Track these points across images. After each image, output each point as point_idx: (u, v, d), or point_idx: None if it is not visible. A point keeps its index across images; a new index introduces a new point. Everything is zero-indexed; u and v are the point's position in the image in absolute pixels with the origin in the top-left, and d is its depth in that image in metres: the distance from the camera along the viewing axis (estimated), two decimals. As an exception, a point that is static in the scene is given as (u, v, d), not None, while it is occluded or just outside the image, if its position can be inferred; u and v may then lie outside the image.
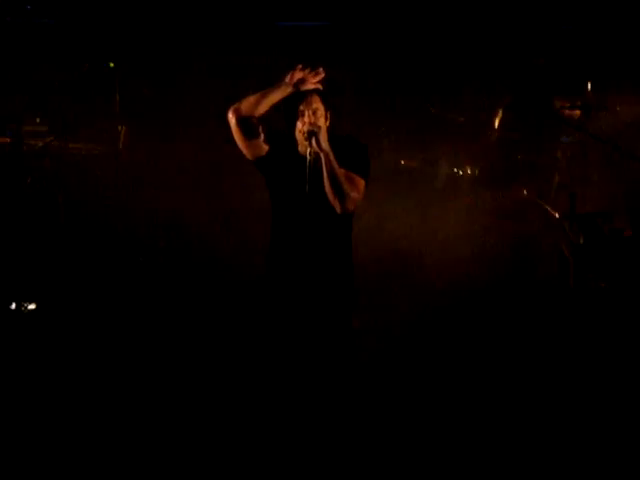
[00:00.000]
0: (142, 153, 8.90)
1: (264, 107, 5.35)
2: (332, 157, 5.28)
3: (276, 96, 5.37)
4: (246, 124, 5.37)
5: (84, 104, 8.69)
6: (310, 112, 5.38)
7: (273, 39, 8.93)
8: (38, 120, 8.69)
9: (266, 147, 5.45)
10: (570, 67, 8.65)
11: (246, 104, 5.35)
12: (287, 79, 5.37)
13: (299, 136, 5.40)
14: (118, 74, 8.64)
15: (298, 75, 5.37)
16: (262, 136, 5.42)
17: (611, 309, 7.09)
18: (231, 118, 5.38)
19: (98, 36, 8.84)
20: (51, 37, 8.80)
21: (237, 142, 5.43)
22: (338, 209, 5.37)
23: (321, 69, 5.42)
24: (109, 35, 8.87)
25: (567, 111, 8.41)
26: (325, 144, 5.28)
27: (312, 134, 5.29)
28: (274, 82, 5.42)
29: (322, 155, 5.28)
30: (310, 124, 5.33)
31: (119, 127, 8.74)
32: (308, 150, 5.31)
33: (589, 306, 7.14)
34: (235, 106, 5.37)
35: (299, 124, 5.39)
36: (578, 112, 8.34)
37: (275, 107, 5.42)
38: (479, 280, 7.94)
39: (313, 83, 5.40)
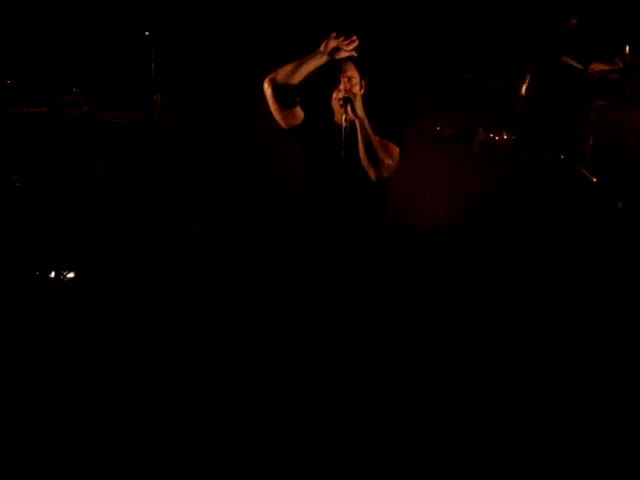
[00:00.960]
0: (177, 122, 8.92)
1: (299, 76, 5.36)
2: (367, 124, 5.30)
3: (311, 65, 5.37)
4: (282, 94, 5.38)
5: (120, 73, 8.70)
6: (345, 79, 5.38)
7: (307, 6, 8.90)
8: (74, 90, 8.70)
9: (301, 116, 5.47)
10: (606, 29, 8.57)
11: (281, 74, 5.36)
12: (321, 48, 5.37)
13: (335, 105, 5.41)
14: (154, 43, 8.63)
15: (332, 43, 5.36)
16: (298, 105, 5.44)
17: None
18: (267, 88, 5.39)
19: (133, 5, 8.85)
20: (87, 6, 8.81)
21: (272, 112, 5.44)
22: (373, 176, 5.38)
23: (355, 36, 5.41)
24: (144, 3, 8.87)
25: (598, 66, 8.36)
26: (360, 111, 5.29)
27: (347, 101, 5.30)
28: (309, 51, 5.43)
29: (357, 122, 5.30)
30: (345, 91, 5.34)
31: (155, 96, 8.75)
32: (343, 117, 5.33)
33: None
34: (271, 76, 5.38)
35: (335, 93, 5.39)
36: (615, 75, 8.27)
37: (311, 76, 5.43)
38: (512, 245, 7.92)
39: (347, 51, 5.39)
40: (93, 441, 5.33)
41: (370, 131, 5.30)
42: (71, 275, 7.93)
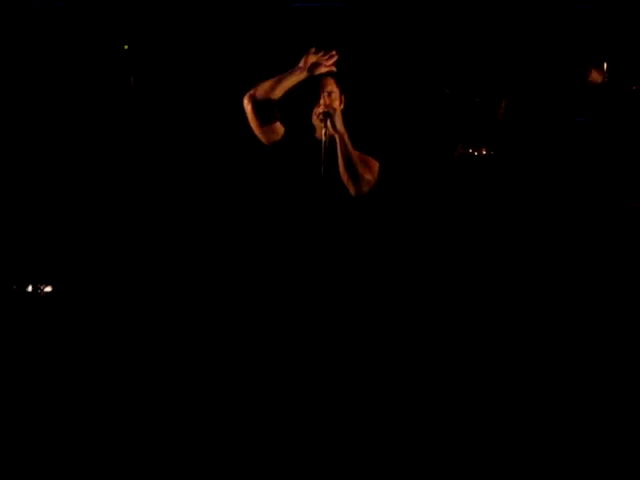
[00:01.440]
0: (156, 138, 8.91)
1: (279, 92, 5.36)
2: (347, 139, 5.30)
3: (291, 81, 5.37)
4: (261, 110, 5.38)
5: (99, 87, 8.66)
6: (325, 95, 5.39)
7: (287, 21, 8.90)
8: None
9: (282, 132, 5.47)
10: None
11: (261, 90, 5.35)
12: (301, 64, 5.38)
13: (315, 120, 5.41)
14: (132, 57, 8.60)
15: (312, 59, 5.38)
16: (278, 121, 5.44)
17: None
18: (247, 105, 5.39)
19: (112, 18, 8.81)
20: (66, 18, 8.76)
21: (252, 127, 5.45)
22: (352, 191, 5.38)
23: (334, 52, 5.43)
24: (123, 17, 8.84)
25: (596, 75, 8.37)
26: (340, 126, 5.30)
27: (327, 116, 5.31)
28: (288, 65, 5.43)
29: (337, 137, 5.30)
30: (325, 106, 5.35)
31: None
32: (323, 131, 5.34)
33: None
34: (250, 93, 5.38)
35: (315, 108, 5.40)
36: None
37: (290, 92, 5.43)
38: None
39: (327, 66, 5.40)
40: (90, 443, 5.33)
41: (350, 146, 5.31)
42: (48, 289, 7.90)
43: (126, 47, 8.48)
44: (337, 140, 5.31)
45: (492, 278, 7.84)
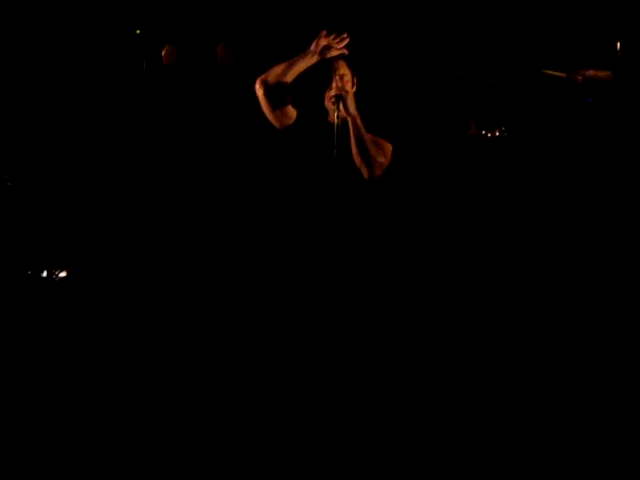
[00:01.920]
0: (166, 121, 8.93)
1: (291, 77, 5.34)
2: (359, 122, 5.29)
3: (303, 65, 5.36)
4: (274, 94, 5.36)
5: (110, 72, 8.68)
6: (337, 78, 5.37)
7: (296, 5, 8.91)
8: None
9: (294, 116, 5.46)
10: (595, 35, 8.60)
11: (273, 75, 5.34)
12: (312, 47, 5.36)
13: (327, 103, 5.40)
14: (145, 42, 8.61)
15: (323, 42, 5.35)
16: (290, 105, 5.43)
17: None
18: (258, 89, 5.38)
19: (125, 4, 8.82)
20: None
21: (265, 112, 5.43)
22: (365, 174, 5.37)
23: (346, 34, 5.40)
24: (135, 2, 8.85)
25: (593, 72, 8.37)
26: (352, 109, 5.28)
27: (339, 99, 5.30)
28: (299, 50, 5.41)
29: (349, 120, 5.29)
30: (337, 89, 5.33)
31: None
32: (335, 114, 5.32)
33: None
34: (262, 77, 5.37)
35: (327, 91, 5.39)
36: (605, 74, 8.29)
37: (302, 76, 5.42)
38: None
39: (338, 49, 5.38)
40: (86, 442, 5.33)
41: (362, 129, 5.29)
42: (63, 274, 7.91)
43: (138, 32, 8.49)
44: (350, 123, 5.30)
45: (500, 265, 7.85)
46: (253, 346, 6.59)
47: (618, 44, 8.17)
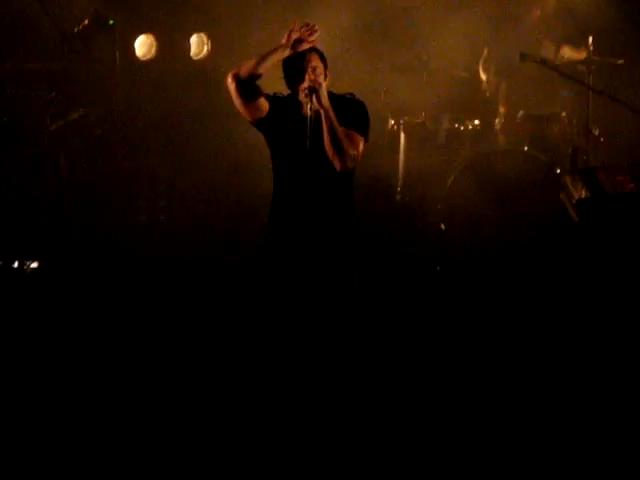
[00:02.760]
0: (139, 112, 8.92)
1: (263, 70, 5.33)
2: (332, 114, 5.30)
3: (274, 59, 5.35)
4: (245, 88, 5.35)
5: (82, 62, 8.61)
6: (310, 70, 5.37)
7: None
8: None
9: (266, 108, 5.44)
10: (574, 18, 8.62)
11: (244, 69, 5.32)
12: (284, 40, 5.35)
13: (301, 96, 5.39)
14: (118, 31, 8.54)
15: (295, 35, 5.35)
16: (262, 98, 5.42)
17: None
18: (230, 84, 5.36)
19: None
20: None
21: (237, 105, 5.42)
22: (338, 166, 5.38)
23: (317, 26, 5.41)
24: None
25: (570, 52, 8.39)
26: (325, 100, 5.29)
27: (312, 91, 5.30)
28: (272, 42, 5.41)
29: (322, 112, 5.30)
30: (310, 81, 5.33)
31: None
32: (308, 106, 5.32)
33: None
34: (234, 72, 5.35)
35: (300, 85, 5.38)
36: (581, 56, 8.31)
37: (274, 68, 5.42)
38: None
39: (309, 42, 5.38)
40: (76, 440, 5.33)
41: (335, 121, 5.30)
42: (34, 265, 7.89)
43: (111, 22, 8.43)
44: (322, 115, 5.30)
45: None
46: (226, 335, 6.61)
47: (590, 38, 8.20)
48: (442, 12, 8.84)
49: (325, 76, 5.42)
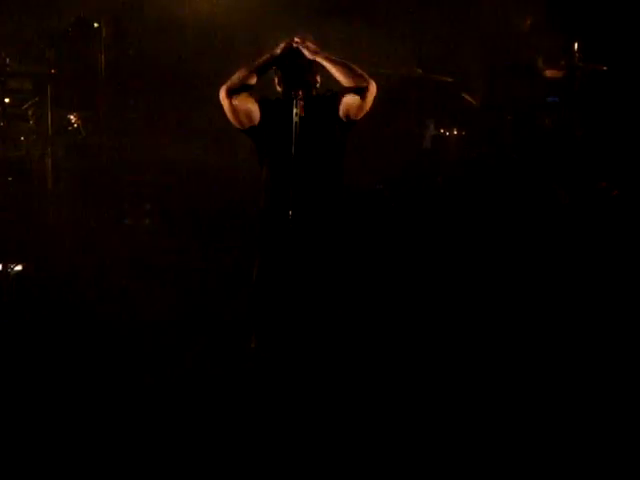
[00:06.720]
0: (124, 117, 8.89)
1: (254, 79, 5.33)
2: (326, 53, 5.31)
3: (264, 66, 5.35)
4: (238, 99, 5.34)
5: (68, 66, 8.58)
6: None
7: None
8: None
9: (258, 116, 5.42)
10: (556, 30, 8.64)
11: (235, 79, 5.32)
12: (278, 50, 5.35)
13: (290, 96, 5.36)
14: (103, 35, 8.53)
15: (288, 46, 5.35)
16: (254, 106, 5.39)
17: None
18: (223, 98, 5.35)
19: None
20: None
21: (228, 116, 5.40)
22: (366, 84, 5.31)
23: (311, 36, 5.40)
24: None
25: (551, 72, 8.44)
26: (313, 49, 5.30)
27: (297, 97, 5.27)
28: (259, 53, 5.41)
29: (320, 57, 5.29)
30: (294, 42, 5.31)
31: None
32: (294, 111, 5.30)
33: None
34: (227, 85, 5.33)
35: (292, 92, 5.36)
36: (562, 73, 8.35)
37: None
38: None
39: (311, 52, 5.36)
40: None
41: (333, 55, 5.30)
42: (19, 268, 7.85)
43: (96, 25, 8.42)
44: (323, 59, 5.29)
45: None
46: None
47: (576, 45, 8.23)
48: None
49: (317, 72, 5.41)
